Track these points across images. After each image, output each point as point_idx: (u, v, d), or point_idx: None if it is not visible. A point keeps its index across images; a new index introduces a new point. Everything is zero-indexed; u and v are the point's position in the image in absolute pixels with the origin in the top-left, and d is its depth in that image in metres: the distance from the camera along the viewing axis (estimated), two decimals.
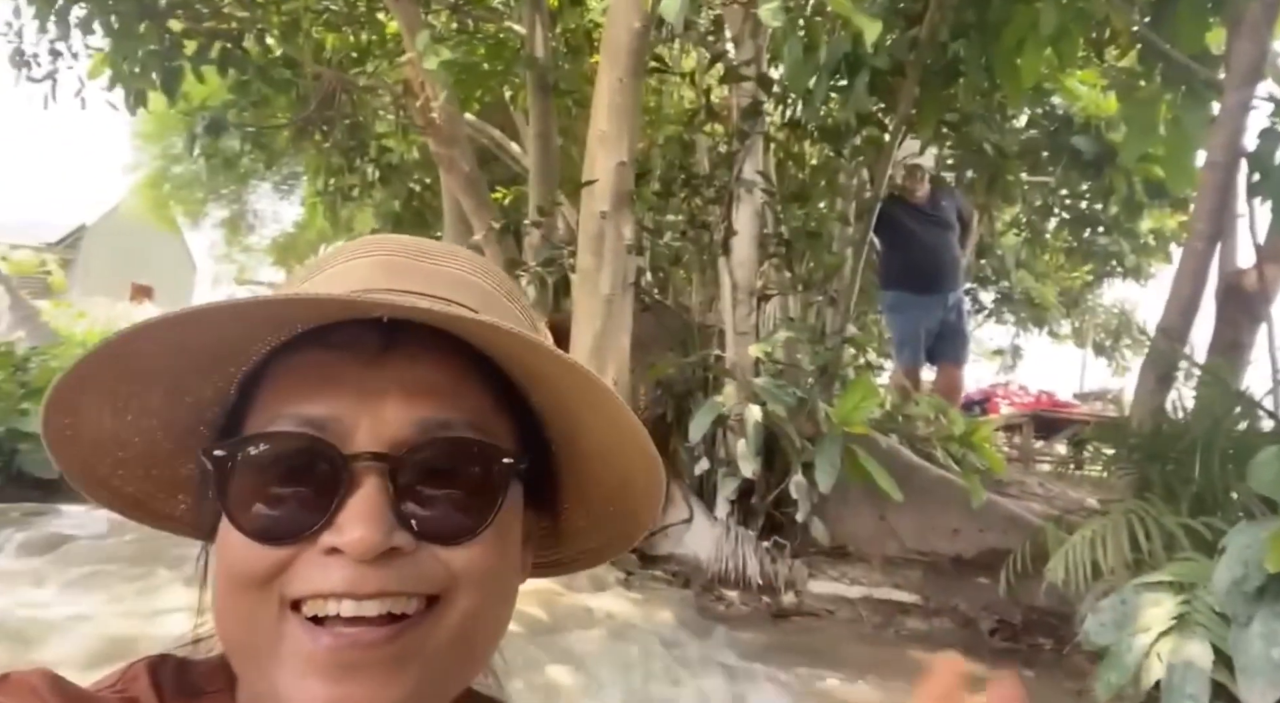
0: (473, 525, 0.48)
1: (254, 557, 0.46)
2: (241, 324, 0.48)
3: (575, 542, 0.64)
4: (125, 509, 0.58)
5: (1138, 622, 2.70)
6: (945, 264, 5.57)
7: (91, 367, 0.47)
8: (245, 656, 0.48)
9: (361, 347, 0.48)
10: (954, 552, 4.49)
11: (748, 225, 4.94)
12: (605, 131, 4.56)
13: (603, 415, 0.52)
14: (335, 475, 0.46)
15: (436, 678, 0.47)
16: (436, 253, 0.56)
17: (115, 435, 0.53)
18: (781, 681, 3.12)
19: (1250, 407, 3.28)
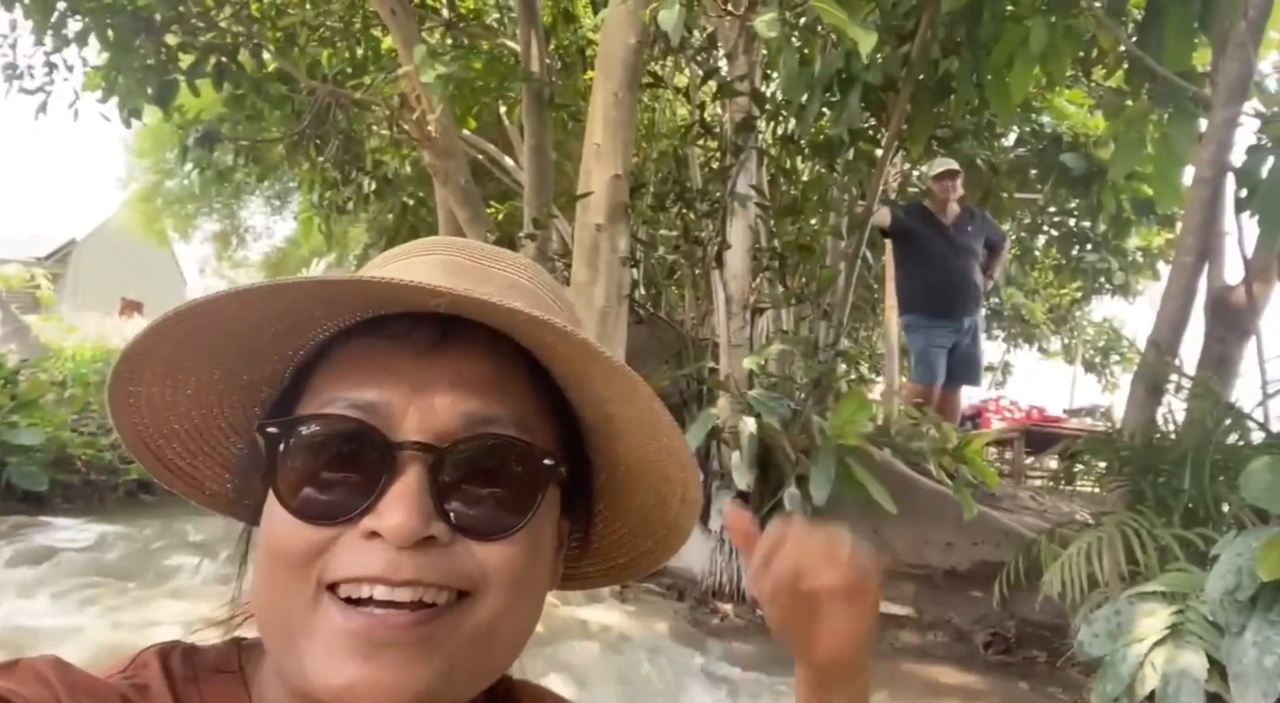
0: (509, 524, 0.49)
1: (296, 535, 0.47)
2: (301, 305, 0.49)
3: (605, 556, 0.65)
4: (176, 484, 0.59)
5: (1132, 632, 2.70)
6: (966, 290, 5.51)
7: (161, 335, 0.48)
8: (279, 633, 0.48)
9: (416, 338, 0.50)
10: (948, 565, 4.49)
11: (741, 239, 4.97)
12: (600, 145, 4.60)
13: (645, 424, 0.53)
14: (380, 462, 0.47)
15: (460, 670, 0.48)
16: (494, 257, 0.57)
17: (174, 407, 0.55)
18: (774, 690, 3.10)
19: (1240, 419, 3.31)
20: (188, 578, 3.82)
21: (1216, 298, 4.48)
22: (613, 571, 0.67)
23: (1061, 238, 8.61)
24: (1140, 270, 8.60)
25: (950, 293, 5.47)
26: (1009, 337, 10.79)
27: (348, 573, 0.46)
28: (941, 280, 5.42)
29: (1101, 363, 12.24)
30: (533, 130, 5.12)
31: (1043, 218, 8.53)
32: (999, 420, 7.17)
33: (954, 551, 4.49)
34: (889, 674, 3.53)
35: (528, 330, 0.49)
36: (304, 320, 0.51)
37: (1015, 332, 10.54)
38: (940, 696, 3.28)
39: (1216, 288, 4.43)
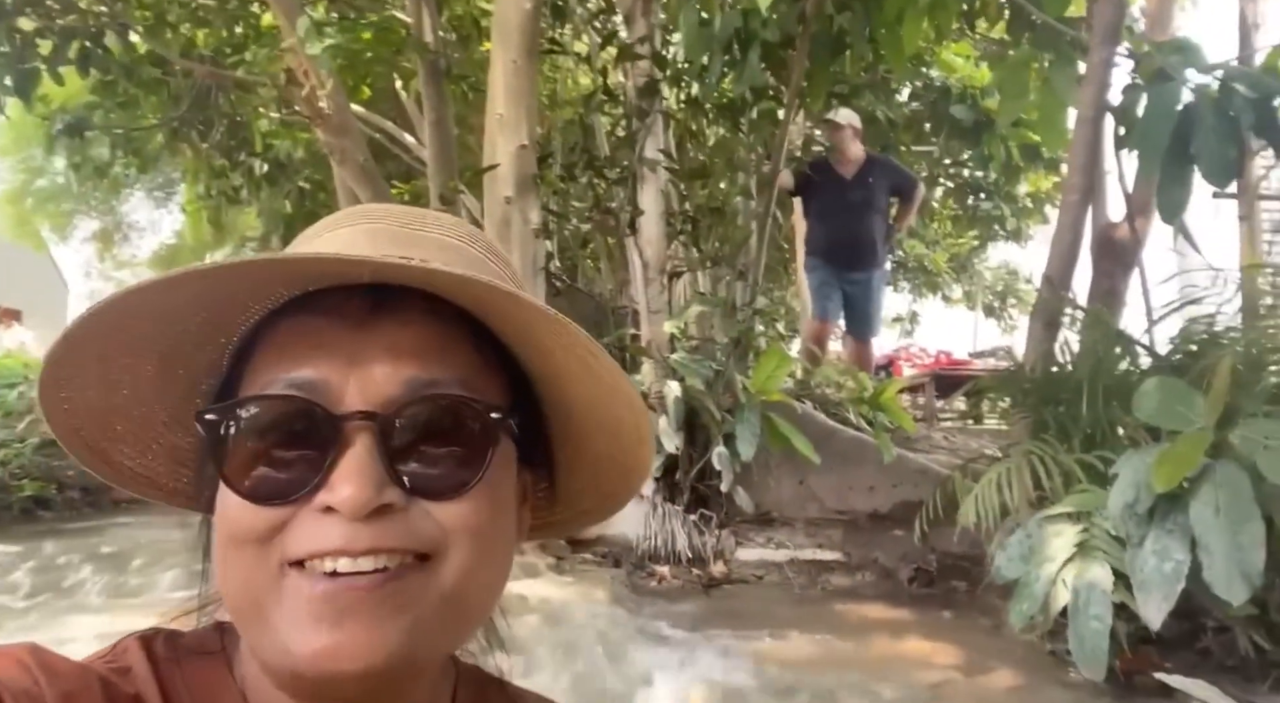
0: (463, 481, 0.49)
1: (251, 518, 0.47)
2: (225, 289, 0.48)
3: (571, 502, 0.66)
4: (134, 486, 0.59)
5: (1043, 553, 2.87)
6: (858, 245, 5.69)
7: (79, 336, 0.47)
8: (248, 613, 0.48)
9: (349, 311, 0.49)
10: (871, 508, 4.66)
11: (653, 204, 4.97)
12: (504, 115, 4.49)
13: (586, 368, 0.53)
14: (326, 436, 0.47)
15: (429, 630, 0.48)
16: (420, 220, 0.57)
17: (112, 407, 0.54)
18: (717, 644, 3.18)
19: (1129, 346, 3.52)
20: (96, 593, 3.64)
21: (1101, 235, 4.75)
22: (581, 516, 0.68)
23: (957, 188, 8.95)
24: (1031, 215, 9.04)
25: (844, 249, 5.65)
26: (914, 287, 11.20)
27: (307, 549, 0.46)
28: (836, 235, 5.60)
29: (1000, 307, 12.85)
30: (432, 104, 4.97)
31: (939, 170, 8.84)
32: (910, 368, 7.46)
33: (876, 493, 4.67)
34: (823, 617, 3.65)
35: (456, 289, 0.49)
36: (231, 306, 0.51)
37: (920, 282, 10.95)
38: (871, 631, 3.42)
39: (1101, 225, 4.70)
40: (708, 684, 2.74)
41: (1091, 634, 2.55)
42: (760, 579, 4.35)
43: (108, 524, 5.37)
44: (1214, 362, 2.82)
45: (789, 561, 4.45)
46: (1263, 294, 3.48)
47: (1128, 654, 2.65)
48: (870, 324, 6.24)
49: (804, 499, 4.76)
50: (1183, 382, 2.85)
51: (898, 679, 2.79)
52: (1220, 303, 3.38)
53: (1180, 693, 2.48)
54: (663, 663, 3.00)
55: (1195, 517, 2.44)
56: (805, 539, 4.58)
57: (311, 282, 0.50)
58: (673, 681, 2.80)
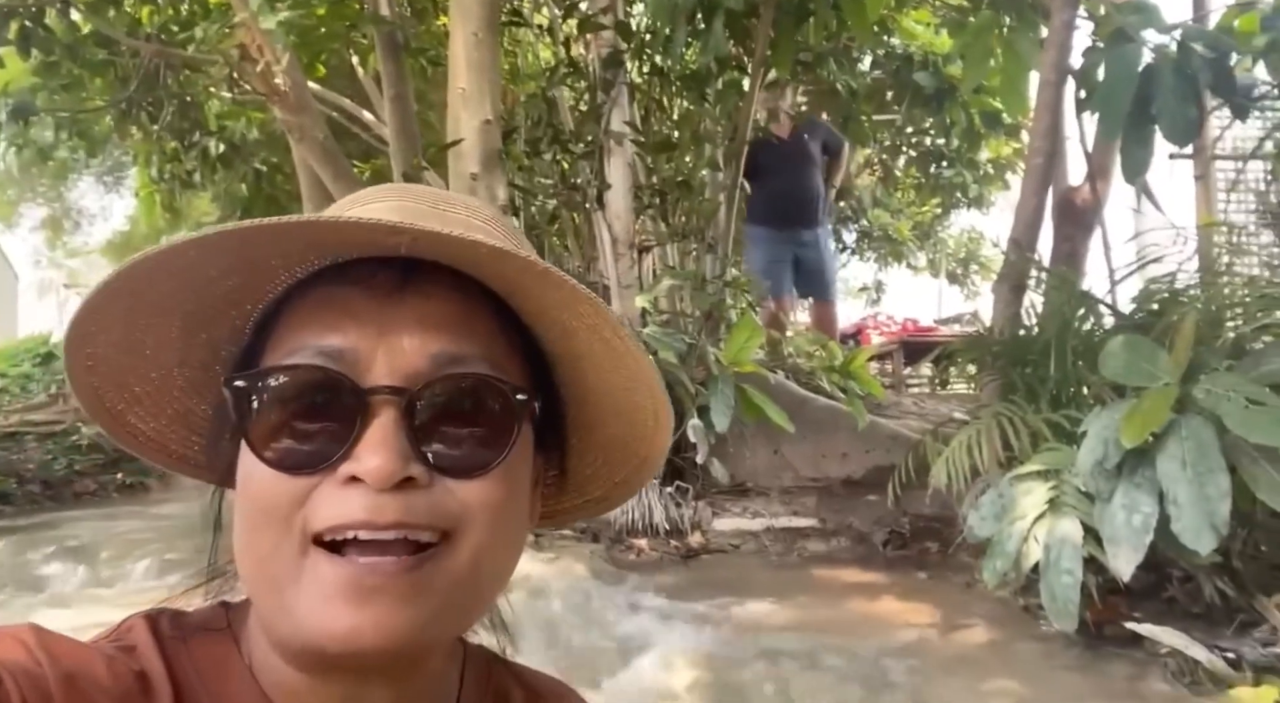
0: (486, 460, 0.49)
1: (276, 488, 0.47)
2: (258, 252, 0.48)
3: (581, 490, 0.66)
4: (144, 450, 0.59)
5: (1014, 511, 2.93)
6: (802, 199, 5.73)
7: (107, 295, 0.47)
8: (267, 588, 0.48)
9: (379, 282, 0.50)
10: (844, 474, 4.73)
11: (621, 178, 4.93)
12: (466, 89, 4.42)
13: (611, 353, 0.53)
14: (353, 407, 0.47)
15: (449, 610, 0.49)
16: (448, 200, 0.57)
17: (132, 369, 0.54)
18: (698, 613, 3.21)
19: (1093, 306, 3.59)
20: (65, 585, 3.58)
21: (1062, 199, 4.81)
22: (589, 504, 0.68)
23: (919, 156, 9.01)
24: (992, 181, 9.14)
25: (790, 204, 5.66)
26: (879, 256, 11.30)
27: (332, 520, 0.46)
28: (781, 192, 5.60)
29: (963, 273, 13.03)
30: (391, 79, 4.86)
31: (901, 138, 8.89)
32: (878, 336, 7.54)
33: (849, 460, 4.73)
34: (801, 582, 3.71)
35: (490, 265, 0.49)
36: (261, 271, 0.51)
37: (885, 251, 11.05)
38: (847, 595, 3.48)
39: (1062, 189, 4.76)
40: (691, 651, 2.78)
41: (1063, 588, 2.62)
42: (737, 548, 4.40)
43: (71, 517, 5.27)
44: (1177, 319, 2.89)
45: (765, 529, 4.50)
46: (1219, 252, 3.56)
47: (1098, 606, 2.73)
48: (829, 285, 6.30)
49: (778, 468, 4.82)
50: (1147, 339, 2.91)
51: (876, 639, 2.85)
52: (1180, 262, 3.45)
53: (1149, 641, 2.57)
54: (646, 633, 3.03)
55: (1163, 470, 2.50)
56: (781, 508, 4.64)
57: (345, 250, 0.50)
58: (657, 649, 2.83)
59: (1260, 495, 2.36)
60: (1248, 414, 2.42)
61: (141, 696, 0.48)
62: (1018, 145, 8.32)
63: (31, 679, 0.44)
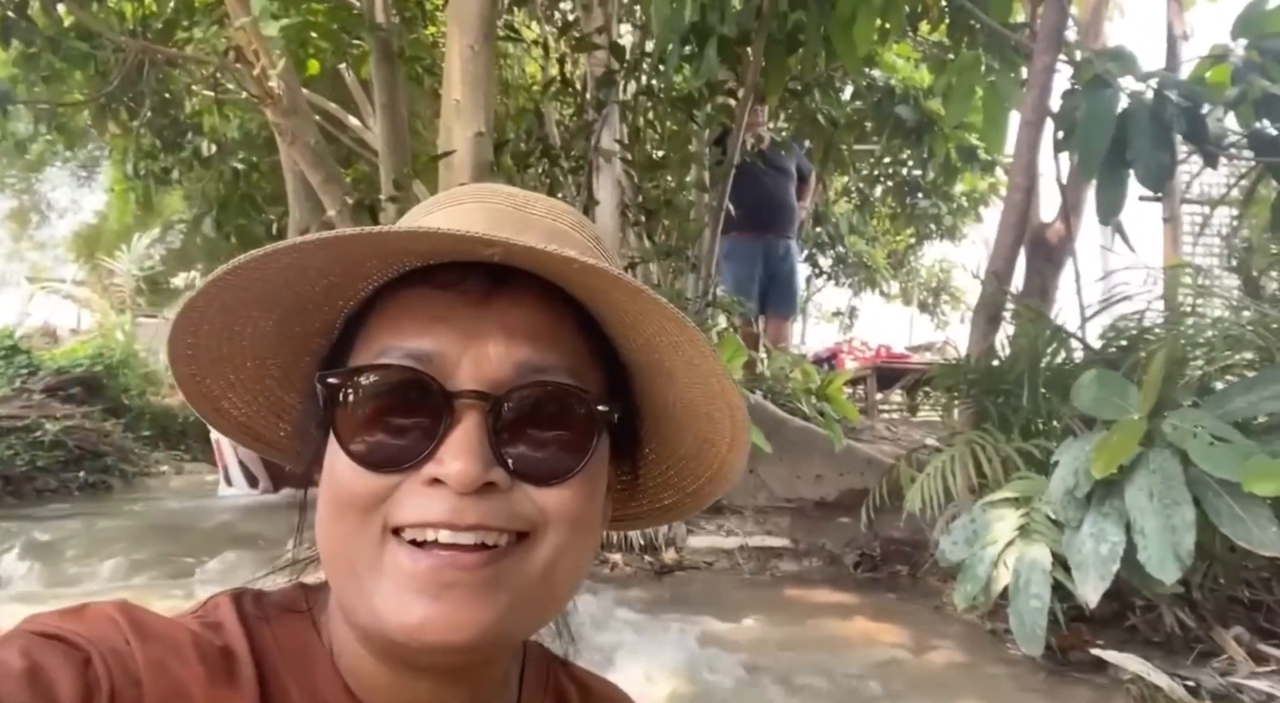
0: (566, 469, 0.51)
1: (360, 483, 0.49)
2: (357, 254, 0.50)
3: (652, 496, 0.67)
4: (235, 433, 0.62)
5: (986, 536, 3.01)
6: (780, 207, 5.83)
7: (220, 285, 0.49)
8: (346, 574, 0.50)
9: (468, 288, 0.51)
10: (818, 496, 4.79)
11: (609, 195, 4.98)
12: (460, 101, 4.43)
13: (693, 369, 0.54)
14: (438, 410, 0.49)
15: (522, 609, 0.50)
16: (532, 203, 0.58)
17: (230, 357, 0.56)
18: (673, 627, 3.23)
19: (1064, 340, 3.70)
20: (29, 583, 3.51)
21: (1035, 234, 4.97)
22: (660, 510, 0.69)
23: (896, 187, 9.19)
24: (966, 214, 9.34)
25: (767, 210, 5.75)
26: (854, 283, 11.47)
27: (413, 518, 0.48)
28: (759, 199, 5.67)
29: (934, 303, 13.26)
30: (383, 86, 4.87)
31: (879, 169, 9.07)
32: (852, 361, 7.65)
33: (823, 482, 4.79)
34: (771, 601, 3.75)
35: (578, 278, 0.50)
36: (356, 271, 0.52)
37: (859, 277, 11.21)
38: (819, 614, 3.53)
39: (1035, 226, 4.91)
40: (668, 664, 2.80)
41: (1031, 612, 2.69)
42: (711, 566, 4.44)
43: (33, 514, 5.15)
44: (1146, 356, 3.00)
45: (739, 547, 4.54)
46: (1186, 292, 3.70)
47: (1064, 632, 2.80)
48: (792, 300, 6.40)
49: (754, 488, 4.86)
50: (1118, 374, 3.01)
51: (848, 658, 2.89)
52: (1149, 300, 3.57)
53: (1113, 667, 2.64)
54: (620, 646, 3.04)
55: (1130, 501, 2.59)
56: (755, 526, 4.68)
57: (437, 255, 0.51)
58: (631, 662, 2.84)
59: (1223, 529, 2.45)
60: (1212, 450, 2.52)
61: (226, 675, 0.49)
62: (992, 179, 8.54)
63: (121, 661, 0.46)
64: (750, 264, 5.88)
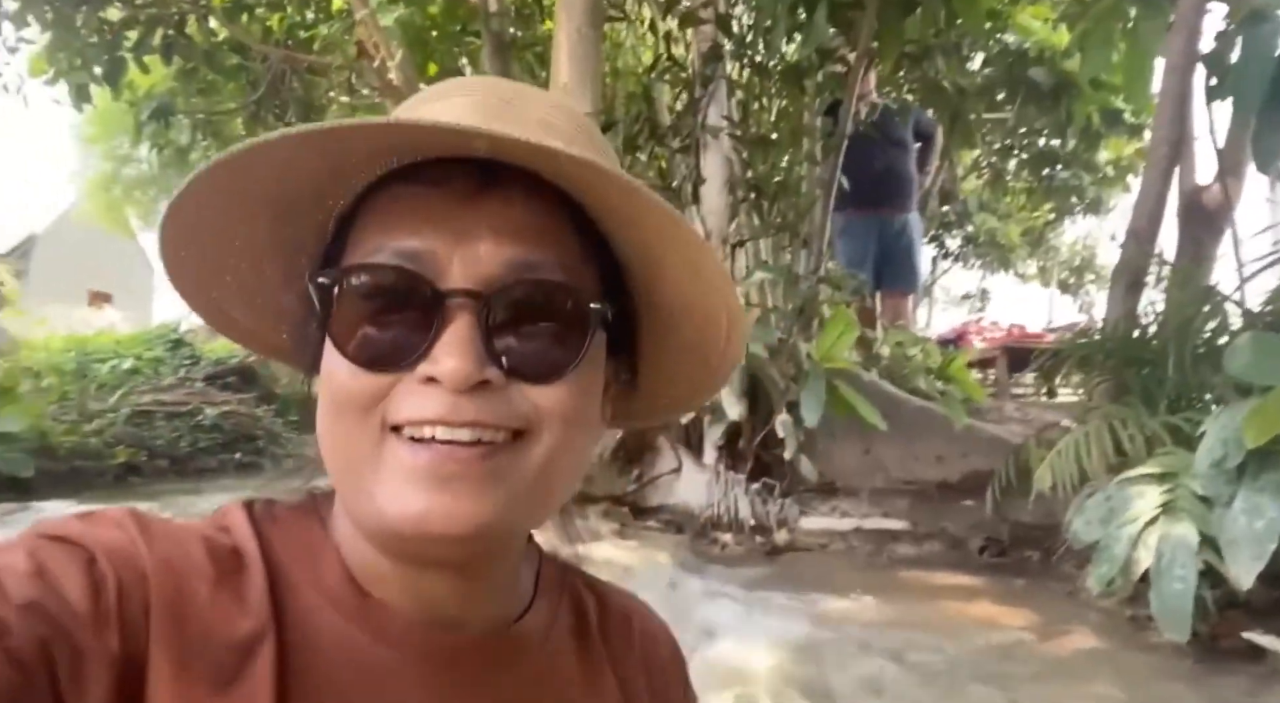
0: (559, 366, 0.50)
1: (357, 383, 0.49)
2: (340, 151, 0.49)
3: (651, 394, 0.66)
4: (242, 339, 0.63)
5: (1124, 514, 2.77)
6: (896, 180, 5.53)
7: (202, 187, 0.48)
8: (348, 474, 0.51)
9: (457, 184, 0.50)
10: (939, 478, 4.56)
11: (716, 172, 4.93)
12: (568, 84, 4.50)
13: (686, 262, 0.53)
14: (430, 309, 0.49)
15: (520, 504, 0.50)
16: (525, 96, 0.56)
17: (224, 262, 0.56)
18: (780, 605, 3.16)
19: (1219, 303, 3.35)
20: None
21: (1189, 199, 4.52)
22: (660, 408, 0.68)
23: (1032, 159, 8.62)
24: (1112, 184, 8.65)
25: (882, 184, 5.44)
26: (985, 263, 10.86)
27: (409, 416, 0.48)
28: (866, 169, 5.33)
29: (1076, 282, 12.37)
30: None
31: (1013, 139, 8.53)
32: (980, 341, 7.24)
33: (944, 463, 4.56)
34: (886, 582, 3.60)
35: (570, 172, 0.49)
36: (343, 170, 0.52)
37: (991, 257, 10.61)
38: (938, 596, 3.36)
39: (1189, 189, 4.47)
40: (772, 639, 2.73)
41: (1174, 595, 2.46)
42: (824, 547, 4.32)
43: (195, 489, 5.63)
44: None
45: (854, 529, 4.39)
46: None
47: (1214, 619, 2.54)
48: (911, 276, 6.03)
49: (869, 469, 4.69)
50: (1278, 337, 2.70)
51: (966, 640, 2.74)
52: None
53: (1272, 655, 2.37)
54: (726, 619, 3.00)
55: None
56: (870, 508, 4.52)
57: (424, 151, 0.50)
58: (736, 635, 2.80)
59: None
60: None
61: (236, 573, 0.51)
62: (1140, 145, 7.85)
63: (127, 560, 0.47)
64: (864, 241, 5.64)
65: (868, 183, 5.38)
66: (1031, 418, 5.30)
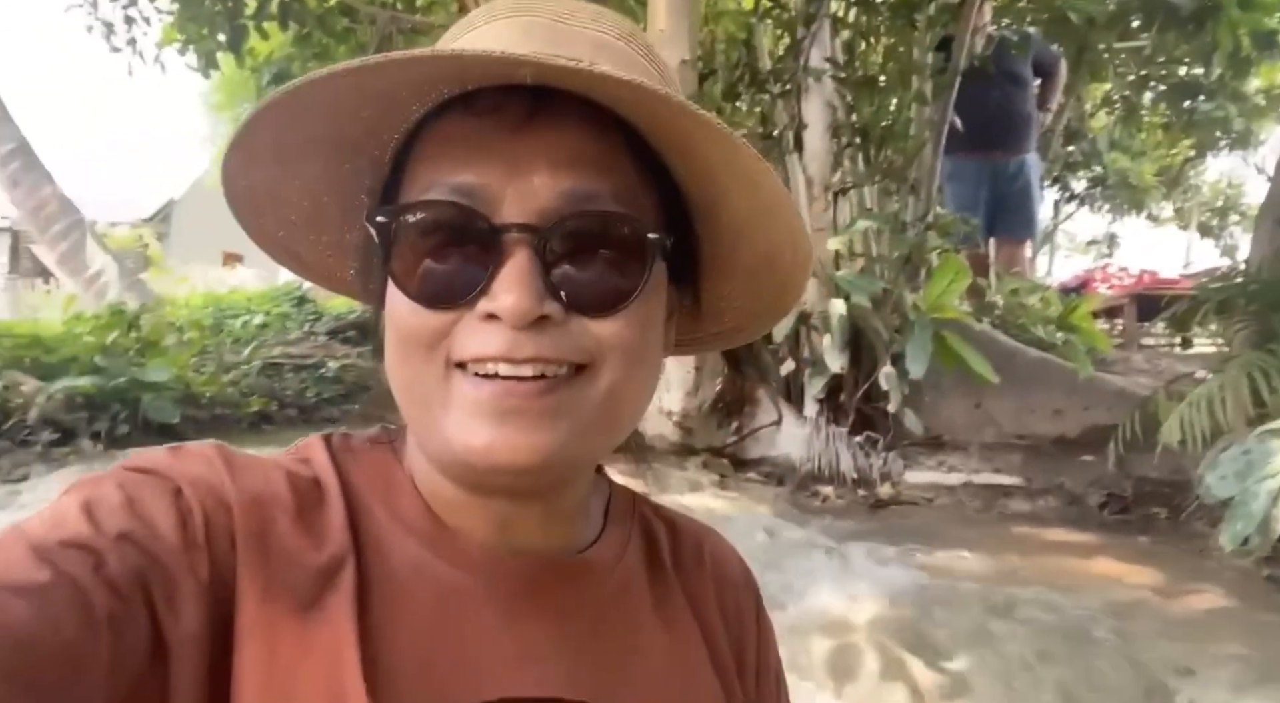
0: (619, 299, 0.50)
1: (418, 321, 0.50)
2: (389, 84, 0.48)
3: (716, 320, 0.65)
4: (308, 274, 0.63)
5: (1263, 469, 2.58)
6: (1011, 120, 5.17)
7: (258, 127, 0.48)
8: (418, 408, 0.51)
9: (507, 113, 0.49)
10: (1056, 433, 4.36)
11: (819, 117, 4.76)
12: (664, 30, 4.43)
13: (747, 185, 0.51)
14: (487, 245, 0.48)
15: (583, 436, 0.50)
16: (575, 13, 0.54)
17: (285, 199, 0.56)
18: (882, 556, 3.11)
19: None
20: None
21: None
22: (723, 335, 0.67)
23: (1170, 91, 7.93)
24: (1262, 115, 7.86)
25: (993, 125, 5.09)
26: (1114, 206, 10.10)
27: (472, 353, 0.48)
28: (979, 109, 5.01)
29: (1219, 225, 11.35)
30: None
31: (1148, 70, 7.85)
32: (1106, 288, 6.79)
33: (1063, 417, 4.35)
34: (996, 537, 3.48)
35: (621, 96, 0.47)
36: (395, 103, 0.51)
37: (1121, 200, 9.85)
38: (1052, 552, 3.23)
39: None
40: (873, 590, 2.70)
41: None
42: (931, 502, 4.21)
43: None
44: None
45: (962, 484, 4.26)
46: None
47: None
48: (1027, 221, 5.67)
49: (980, 423, 4.52)
50: None
51: (1083, 596, 2.62)
52: None
53: None
54: (826, 569, 2.98)
55: None
56: (980, 463, 4.36)
57: (472, 80, 0.49)
58: (836, 584, 2.78)
59: None
60: None
61: (316, 503, 0.53)
62: None
63: (213, 492, 0.49)
64: (975, 186, 5.33)
65: (981, 123, 5.07)
66: (1161, 369, 4.97)
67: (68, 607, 0.40)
